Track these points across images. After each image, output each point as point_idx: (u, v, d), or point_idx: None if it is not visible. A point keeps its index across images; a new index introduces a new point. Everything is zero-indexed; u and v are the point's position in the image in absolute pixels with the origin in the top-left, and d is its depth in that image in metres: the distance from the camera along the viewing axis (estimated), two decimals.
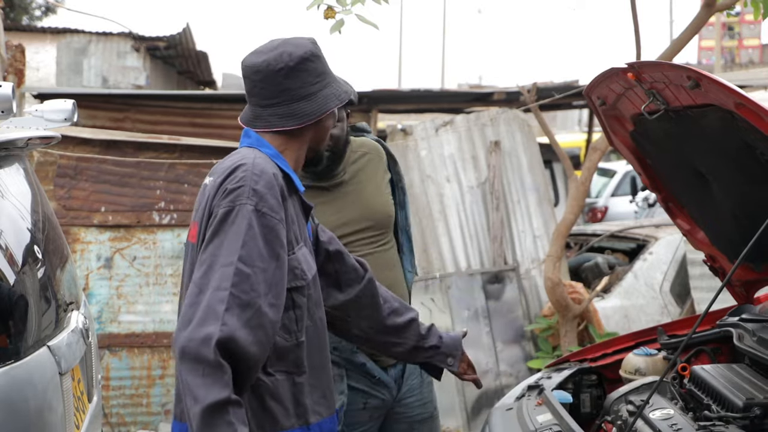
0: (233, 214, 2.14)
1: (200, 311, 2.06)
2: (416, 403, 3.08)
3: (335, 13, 3.96)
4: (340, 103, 2.33)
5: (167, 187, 5.39)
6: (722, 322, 3.29)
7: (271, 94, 2.28)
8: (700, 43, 41.56)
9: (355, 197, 3.01)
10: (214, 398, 2.00)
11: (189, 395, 2.03)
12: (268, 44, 2.34)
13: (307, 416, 2.25)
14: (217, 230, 2.14)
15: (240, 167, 2.20)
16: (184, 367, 2.04)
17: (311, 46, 2.32)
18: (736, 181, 2.93)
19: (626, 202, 10.83)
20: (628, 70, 2.84)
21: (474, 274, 5.82)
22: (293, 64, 2.27)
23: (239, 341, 2.04)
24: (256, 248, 2.12)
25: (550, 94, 6.85)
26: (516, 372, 5.76)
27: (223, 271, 2.09)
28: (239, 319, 2.05)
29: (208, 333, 2.03)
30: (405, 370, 3.05)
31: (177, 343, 2.06)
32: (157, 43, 13.73)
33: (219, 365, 2.02)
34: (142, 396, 5.30)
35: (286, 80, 2.26)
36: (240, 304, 2.07)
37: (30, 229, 2.83)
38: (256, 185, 2.16)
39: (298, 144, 2.33)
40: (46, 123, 3.09)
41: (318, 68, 2.31)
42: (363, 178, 3.05)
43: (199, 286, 2.10)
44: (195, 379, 2.02)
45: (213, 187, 2.22)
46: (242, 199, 2.15)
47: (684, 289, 6.08)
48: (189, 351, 2.03)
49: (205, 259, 2.13)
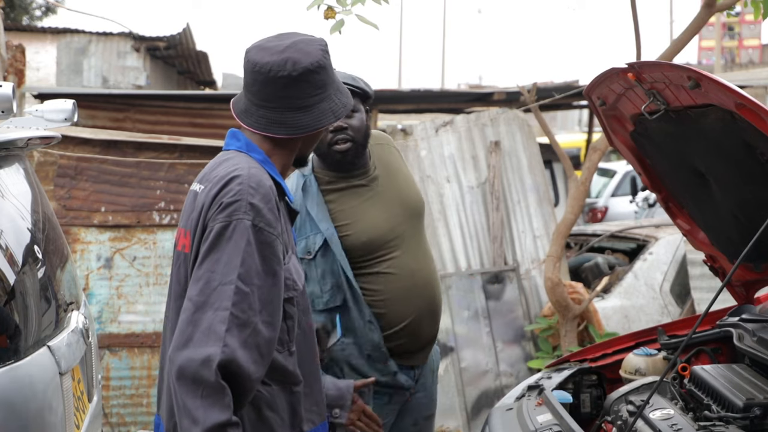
0: (230, 229, 2.08)
1: (200, 331, 2.02)
2: (424, 400, 3.11)
3: (335, 13, 3.96)
4: (335, 120, 2.27)
5: (167, 187, 5.39)
6: (722, 322, 3.29)
7: (267, 98, 2.22)
8: (701, 43, 41.55)
9: (393, 191, 3.03)
10: (215, 420, 1.97)
11: (186, 416, 1.99)
12: (277, 41, 2.25)
13: (301, 425, 2.24)
14: (213, 246, 2.08)
15: (235, 179, 2.13)
16: (182, 387, 2.00)
17: (320, 55, 2.23)
18: (736, 181, 2.93)
19: (626, 202, 10.83)
20: (628, 70, 2.84)
21: (474, 275, 5.82)
22: (296, 74, 2.19)
23: (239, 361, 2.01)
24: (254, 265, 2.08)
25: (550, 94, 6.85)
26: (516, 372, 5.76)
27: (222, 290, 2.04)
28: (238, 339, 2.02)
29: (209, 354, 1.99)
30: (423, 367, 3.08)
31: (174, 362, 2.01)
32: (157, 43, 13.74)
33: (220, 387, 1.99)
34: (142, 396, 5.30)
35: (285, 89, 2.20)
36: (239, 324, 2.03)
37: (30, 229, 2.83)
38: (253, 199, 2.11)
39: (287, 151, 2.28)
40: (46, 123, 3.09)
41: (321, 80, 2.23)
42: (392, 170, 3.07)
43: (197, 304, 2.05)
44: (194, 400, 1.98)
45: (206, 197, 2.16)
46: (239, 214, 2.09)
47: (684, 290, 6.08)
48: (188, 372, 1.99)
49: (201, 275, 2.07)
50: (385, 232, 2.94)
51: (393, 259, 2.95)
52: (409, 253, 2.98)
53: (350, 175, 2.98)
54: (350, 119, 2.90)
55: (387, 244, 2.94)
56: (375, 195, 2.99)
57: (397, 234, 2.96)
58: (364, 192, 2.98)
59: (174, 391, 2.03)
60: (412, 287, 2.96)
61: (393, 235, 2.96)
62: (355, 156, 2.94)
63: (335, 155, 2.92)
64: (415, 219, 3.04)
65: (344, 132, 2.89)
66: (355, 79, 2.95)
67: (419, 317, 2.97)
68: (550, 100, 6.66)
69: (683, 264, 6.12)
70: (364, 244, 2.91)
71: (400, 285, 2.94)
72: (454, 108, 9.91)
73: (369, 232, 2.92)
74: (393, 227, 2.96)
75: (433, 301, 3.01)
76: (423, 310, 2.98)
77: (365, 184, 2.99)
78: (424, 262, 3.02)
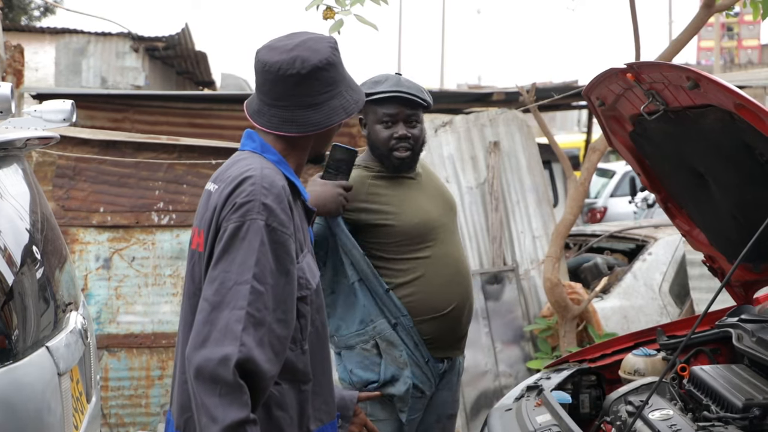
0: (244, 229, 2.11)
1: (216, 330, 2.04)
2: (449, 399, 3.18)
3: (334, 13, 3.96)
4: (347, 116, 2.29)
5: (166, 188, 5.39)
6: (721, 322, 3.29)
7: (278, 96, 2.23)
8: (700, 43, 41.61)
9: (433, 187, 3.22)
10: (234, 418, 2.00)
11: (206, 415, 2.02)
12: (286, 40, 2.27)
13: (308, 424, 2.25)
14: (228, 246, 2.11)
15: (248, 179, 2.15)
16: (201, 386, 2.02)
17: (329, 52, 2.25)
18: (735, 181, 2.93)
19: (625, 203, 10.81)
20: (627, 70, 2.84)
21: (473, 275, 5.81)
22: (305, 72, 2.21)
23: (256, 360, 2.03)
24: (268, 265, 2.10)
25: (549, 94, 6.84)
26: (515, 372, 5.76)
27: (237, 289, 2.07)
28: (254, 338, 2.04)
29: (227, 354, 2.01)
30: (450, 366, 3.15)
31: (192, 362, 2.04)
32: (156, 43, 13.74)
33: (238, 386, 2.01)
34: (140, 397, 5.29)
35: (295, 87, 2.22)
36: (254, 323, 2.05)
37: (29, 229, 2.82)
38: (266, 199, 2.13)
39: (300, 149, 2.30)
40: (44, 123, 3.10)
41: (331, 77, 2.25)
42: (428, 170, 3.29)
43: (213, 304, 2.08)
44: (212, 398, 2.01)
45: (219, 197, 2.18)
46: (252, 214, 2.11)
47: (683, 290, 6.08)
48: (206, 371, 2.02)
49: (216, 275, 2.10)
50: (434, 218, 3.11)
51: (440, 245, 3.10)
52: (452, 243, 3.15)
53: (397, 171, 3.15)
54: (413, 129, 3.09)
55: (434, 231, 3.10)
56: (420, 187, 3.16)
57: (443, 222, 3.14)
58: (411, 184, 3.15)
59: (192, 390, 2.06)
60: (456, 274, 3.11)
61: (439, 222, 3.13)
62: (412, 162, 3.14)
63: (394, 160, 3.09)
64: (453, 214, 3.24)
65: (407, 141, 3.08)
66: (421, 91, 3.11)
67: (461, 304, 3.11)
68: (549, 101, 6.65)
69: (682, 264, 6.12)
70: (416, 226, 3.06)
71: (446, 271, 3.08)
72: (453, 108, 9.90)
73: (420, 215, 3.08)
74: (439, 215, 3.14)
75: (471, 292, 3.17)
76: (465, 298, 3.12)
77: (412, 177, 3.17)
78: (463, 254, 3.20)
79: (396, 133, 3.05)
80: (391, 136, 3.06)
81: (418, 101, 3.06)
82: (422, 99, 3.08)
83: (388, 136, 3.06)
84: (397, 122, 3.06)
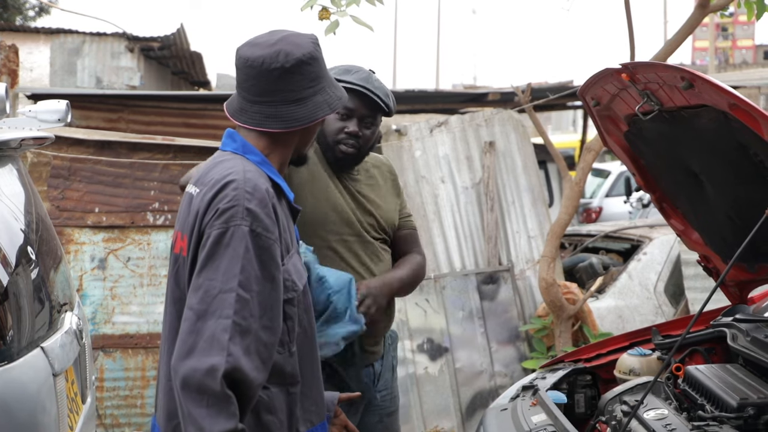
0: (228, 236, 2.07)
1: (203, 340, 2.01)
2: (387, 397, 3.11)
3: (330, 14, 3.96)
4: (330, 112, 2.27)
5: (161, 188, 5.38)
6: (716, 322, 3.30)
7: (261, 92, 2.21)
8: (694, 43, 41.68)
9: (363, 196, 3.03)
10: (221, 429, 1.98)
11: (193, 425, 1.99)
12: (267, 37, 2.25)
13: (297, 425, 2.23)
14: (212, 253, 2.07)
15: (230, 184, 2.12)
16: (187, 397, 2.00)
17: (311, 47, 2.24)
18: (729, 181, 2.93)
19: (620, 203, 10.83)
20: (622, 70, 2.84)
21: (468, 275, 5.82)
22: (289, 65, 2.19)
23: (244, 369, 2.01)
24: (253, 272, 2.07)
25: (544, 94, 6.86)
26: (510, 372, 5.77)
27: (223, 298, 2.04)
28: (241, 347, 2.02)
29: (213, 364, 1.99)
30: (383, 364, 3.08)
31: (179, 372, 2.01)
32: (151, 43, 13.72)
33: (225, 396, 1.99)
34: (136, 397, 5.28)
35: (279, 81, 2.19)
36: (240, 332, 2.03)
37: (23, 230, 2.82)
38: (250, 204, 2.09)
39: (284, 147, 2.27)
40: (39, 123, 3.09)
41: (314, 72, 2.24)
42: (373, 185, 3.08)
43: (198, 313, 2.05)
44: (200, 409, 1.98)
45: (201, 201, 2.14)
46: (236, 220, 2.08)
47: (678, 290, 6.09)
48: (193, 381, 1.99)
49: (201, 283, 2.07)
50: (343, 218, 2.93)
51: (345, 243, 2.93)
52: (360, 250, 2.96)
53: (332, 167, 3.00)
54: (366, 129, 2.96)
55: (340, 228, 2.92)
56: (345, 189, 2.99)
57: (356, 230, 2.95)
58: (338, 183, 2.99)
59: (179, 400, 2.03)
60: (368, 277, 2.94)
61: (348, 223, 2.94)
62: (353, 163, 2.99)
63: (338, 153, 2.95)
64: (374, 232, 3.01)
65: (356, 138, 2.94)
66: (387, 96, 2.99)
67: None
68: (544, 101, 6.66)
69: (677, 264, 6.12)
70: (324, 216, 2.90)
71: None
72: (448, 108, 9.90)
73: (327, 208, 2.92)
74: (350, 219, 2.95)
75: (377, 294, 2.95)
76: None
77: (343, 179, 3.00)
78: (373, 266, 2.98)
79: (347, 128, 2.92)
80: (341, 129, 2.93)
81: (380, 104, 2.94)
82: (385, 104, 2.96)
83: (338, 128, 2.94)
84: (352, 117, 2.94)
